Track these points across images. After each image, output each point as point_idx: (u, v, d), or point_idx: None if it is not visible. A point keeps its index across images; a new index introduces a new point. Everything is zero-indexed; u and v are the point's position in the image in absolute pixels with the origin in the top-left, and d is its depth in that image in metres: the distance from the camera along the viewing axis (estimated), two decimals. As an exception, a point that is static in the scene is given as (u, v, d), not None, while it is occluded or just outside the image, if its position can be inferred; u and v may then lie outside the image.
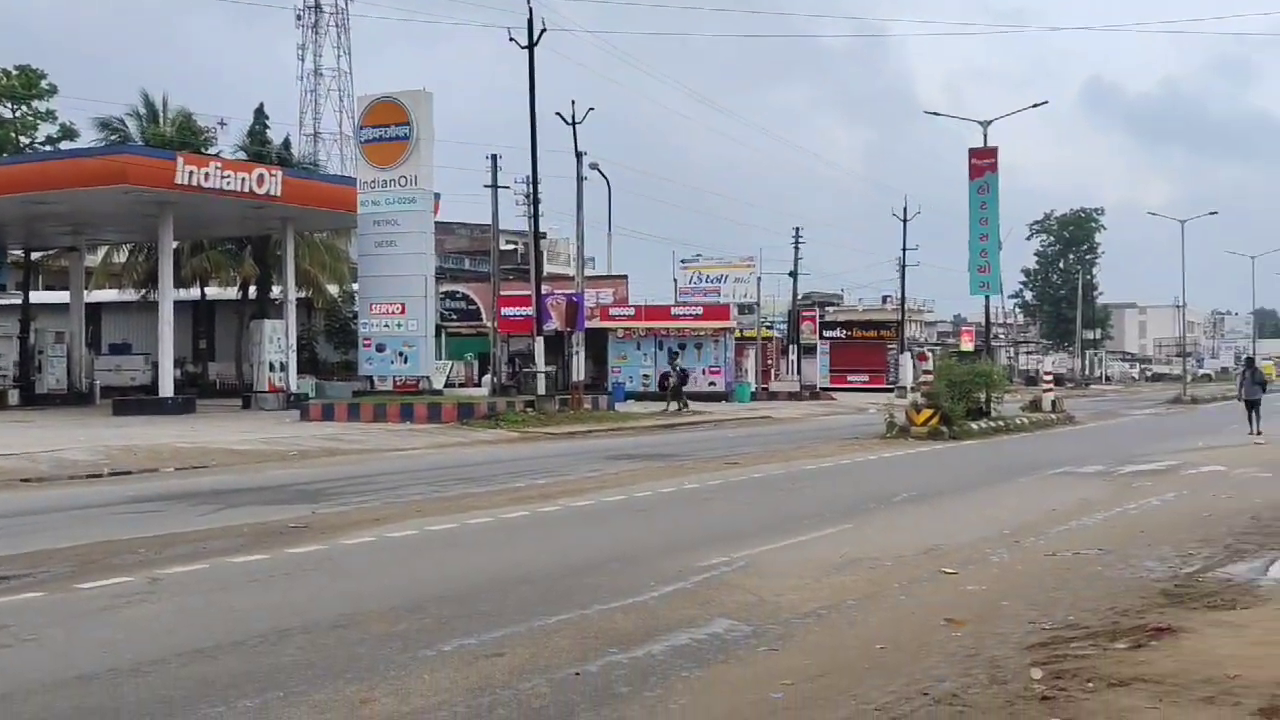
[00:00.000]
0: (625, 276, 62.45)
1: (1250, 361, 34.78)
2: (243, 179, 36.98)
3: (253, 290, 50.97)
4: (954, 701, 6.69)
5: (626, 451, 26.21)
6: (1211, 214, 79.04)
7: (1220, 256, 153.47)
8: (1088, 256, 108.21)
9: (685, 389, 45.29)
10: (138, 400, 40.09)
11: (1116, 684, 6.92)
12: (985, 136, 40.36)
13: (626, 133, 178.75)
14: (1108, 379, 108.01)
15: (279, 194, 37.88)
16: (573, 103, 43.52)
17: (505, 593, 9.86)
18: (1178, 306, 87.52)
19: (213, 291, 53.98)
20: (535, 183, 41.40)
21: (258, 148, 49.34)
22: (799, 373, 67.03)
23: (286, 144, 53.92)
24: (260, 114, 51.87)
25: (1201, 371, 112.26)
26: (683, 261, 72.82)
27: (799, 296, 75.31)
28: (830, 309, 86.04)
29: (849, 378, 70.97)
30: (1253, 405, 31.23)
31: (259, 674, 7.26)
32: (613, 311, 57.43)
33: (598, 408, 40.99)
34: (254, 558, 11.58)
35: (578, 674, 7.32)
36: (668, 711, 6.59)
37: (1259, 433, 29.82)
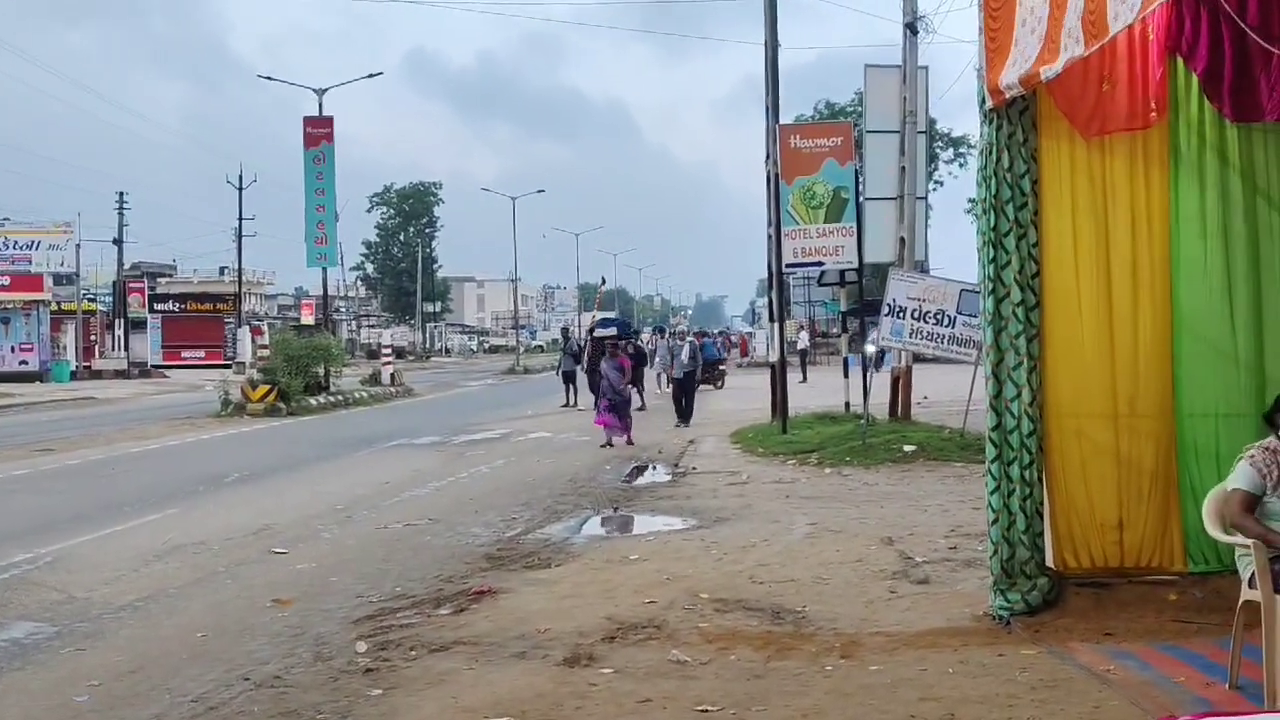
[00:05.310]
0: (-90, 241, 55.73)
1: (565, 331, 36.71)
2: None
3: None
4: (276, 683, 6.70)
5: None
6: (540, 192, 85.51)
7: (549, 232, 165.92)
8: (427, 230, 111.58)
9: None
10: None
11: (438, 649, 7.29)
12: (320, 105, 40.40)
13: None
14: (448, 351, 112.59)
15: None
16: None
17: None
18: (512, 280, 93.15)
19: None
20: None
21: None
22: (127, 349, 63.52)
23: None
24: None
25: (535, 343, 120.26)
26: (-15, 226, 66.17)
27: (126, 266, 71.25)
28: (163, 280, 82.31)
29: (184, 354, 68.55)
30: (569, 378, 32.08)
31: None
32: (-107, 281, 51.19)
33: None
34: None
35: None
36: (-53, 732, 6.02)
37: (573, 404, 30.96)
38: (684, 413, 24.99)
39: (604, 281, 44.22)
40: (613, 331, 25.97)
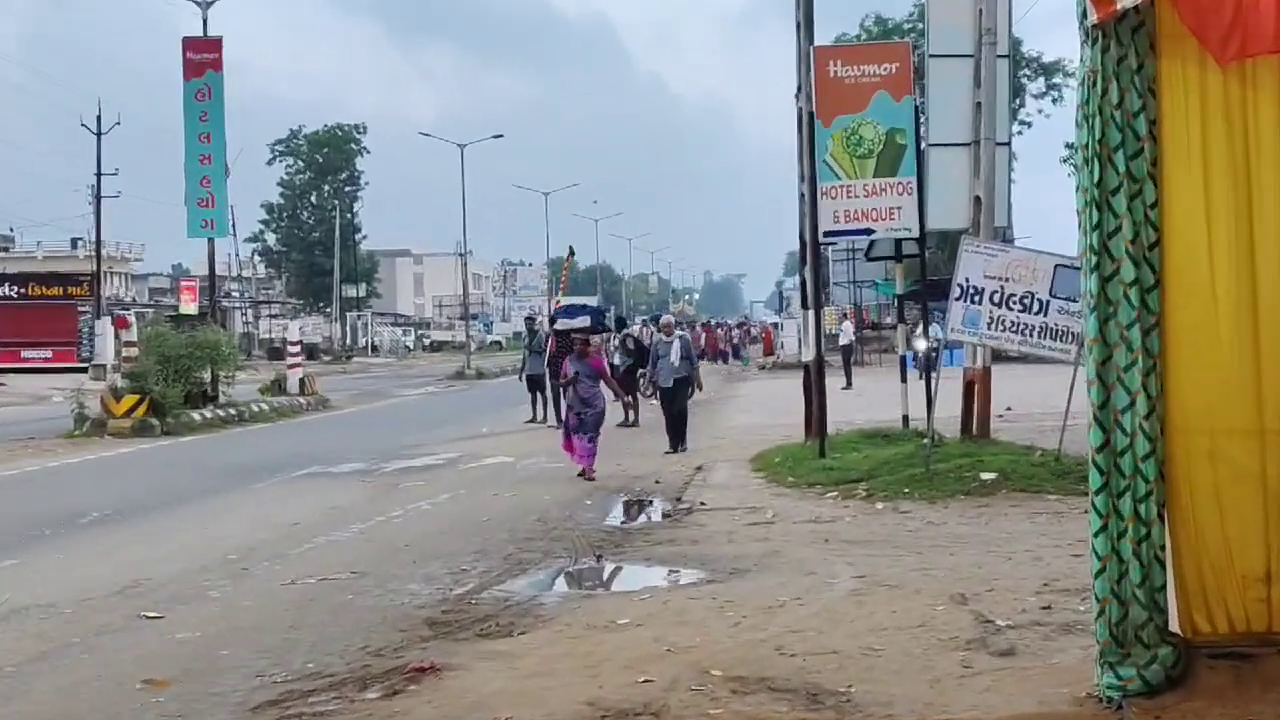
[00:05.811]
0: None
1: (531, 322, 36.20)
2: None
3: None
4: (149, 791, 6.71)
5: None
6: (497, 137, 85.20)
7: (509, 191, 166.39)
8: (348, 188, 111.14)
9: None
10: None
11: (363, 744, 7.29)
12: (205, 22, 40.34)
13: None
14: (376, 349, 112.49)
15: None
16: None
17: None
18: (460, 255, 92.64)
19: None
20: None
21: None
22: (-52, 348, 63.60)
23: None
24: None
25: (491, 338, 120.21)
26: None
27: (-53, 238, 71.34)
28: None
29: (24, 353, 68.42)
30: (536, 383, 31.69)
31: None
32: None
33: None
34: None
35: None
36: None
37: (542, 420, 30.90)
38: (677, 434, 24.40)
39: (572, 253, 42.88)
40: (582, 322, 25.06)
